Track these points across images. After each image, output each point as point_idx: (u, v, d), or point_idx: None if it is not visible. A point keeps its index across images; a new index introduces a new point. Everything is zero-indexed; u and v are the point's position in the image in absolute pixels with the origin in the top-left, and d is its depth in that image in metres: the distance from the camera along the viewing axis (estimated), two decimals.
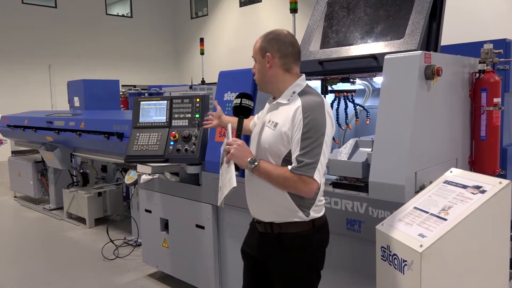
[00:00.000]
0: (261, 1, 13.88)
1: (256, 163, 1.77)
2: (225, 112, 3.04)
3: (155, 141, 3.26)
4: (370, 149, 2.73)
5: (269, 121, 1.85)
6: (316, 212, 1.85)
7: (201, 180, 3.25)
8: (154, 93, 6.12)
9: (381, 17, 2.90)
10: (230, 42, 14.43)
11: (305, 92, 1.83)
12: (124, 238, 4.79)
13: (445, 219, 1.45)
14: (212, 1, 15.63)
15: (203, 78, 7.59)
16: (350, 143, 2.83)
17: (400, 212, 1.66)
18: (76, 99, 7.21)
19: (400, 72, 2.21)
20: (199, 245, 3.24)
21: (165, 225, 3.59)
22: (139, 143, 3.28)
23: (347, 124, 3.29)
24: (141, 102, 3.41)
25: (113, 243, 4.53)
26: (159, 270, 3.87)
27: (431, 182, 2.21)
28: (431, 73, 2.17)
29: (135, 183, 4.29)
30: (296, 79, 1.87)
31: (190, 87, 6.91)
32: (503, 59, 2.77)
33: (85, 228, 5.40)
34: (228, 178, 1.77)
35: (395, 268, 1.53)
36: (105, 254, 4.40)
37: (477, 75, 2.66)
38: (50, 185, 6.38)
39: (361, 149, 2.79)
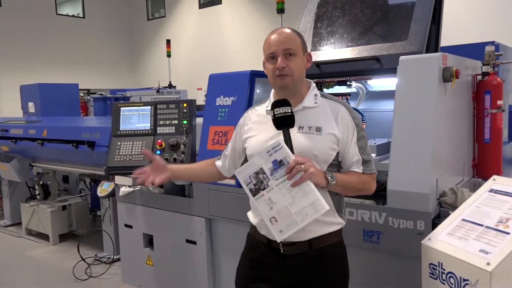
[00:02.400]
0: (221, 2, 13.67)
1: (335, 177, 1.58)
2: (218, 117, 2.84)
3: (139, 150, 2.99)
4: (375, 155, 2.65)
5: (304, 127, 1.66)
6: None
7: (191, 192, 3.02)
8: (120, 98, 5.75)
9: (379, 19, 2.81)
10: (189, 44, 14.09)
11: (323, 94, 1.78)
12: (95, 255, 4.41)
13: (508, 233, 1.34)
14: (169, 2, 15.21)
15: (170, 82, 7.29)
16: None
17: (446, 224, 1.54)
18: (30, 104, 6.68)
19: (418, 75, 2.12)
20: (190, 262, 3.01)
21: (149, 241, 3.31)
22: (121, 153, 2.99)
23: None
24: (122, 108, 3.13)
25: (84, 261, 4.15)
26: None
27: (451, 189, 2.14)
28: (449, 75, 2.09)
29: (110, 195, 3.96)
30: (308, 82, 1.79)
31: (157, 91, 6.60)
32: (505, 62, 2.76)
33: (48, 246, 4.94)
34: (309, 203, 1.48)
35: (451, 287, 1.40)
36: (76, 274, 4.02)
37: (479, 77, 2.63)
38: (5, 199, 5.82)
39: None
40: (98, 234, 4.71)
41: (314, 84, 1.78)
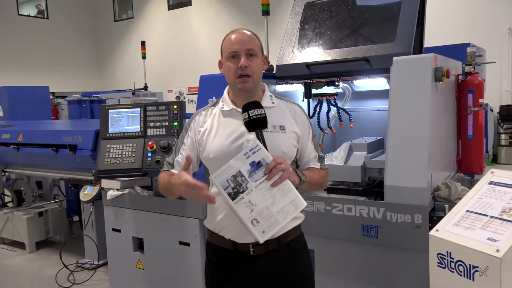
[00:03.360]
0: (191, 4, 13.59)
1: (305, 175, 1.65)
2: None
3: (129, 152, 2.95)
4: (366, 152, 2.74)
5: (268, 126, 1.64)
6: None
7: None
8: (96, 100, 5.63)
9: (366, 21, 2.90)
10: (159, 46, 13.91)
11: (276, 95, 1.84)
12: (77, 261, 4.30)
13: None
14: (137, 3, 14.96)
15: (145, 84, 7.18)
16: (344, 147, 2.80)
17: (451, 216, 1.62)
18: None
19: (412, 74, 2.21)
20: (184, 263, 2.99)
21: (139, 245, 3.27)
22: (111, 156, 2.94)
23: (330, 128, 3.26)
24: (110, 110, 3.08)
25: (67, 268, 4.04)
26: None
27: (445, 183, 2.24)
28: (441, 75, 2.19)
29: (94, 199, 3.88)
30: (262, 84, 1.81)
31: (133, 93, 6.50)
32: (486, 62, 2.91)
33: (24, 254, 4.77)
34: (290, 201, 1.52)
35: (460, 275, 1.48)
36: (58, 281, 3.90)
37: (462, 77, 2.77)
38: None
39: (355, 152, 2.77)
40: (77, 241, 4.59)
41: (266, 86, 1.81)
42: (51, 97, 7.33)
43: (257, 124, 1.59)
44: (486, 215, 1.53)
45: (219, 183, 1.52)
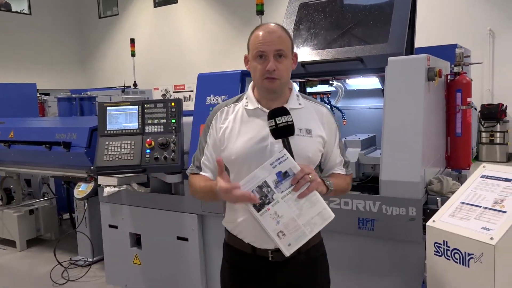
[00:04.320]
0: (177, 1, 13.55)
1: (332, 183, 1.60)
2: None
3: (128, 149, 2.98)
4: (360, 149, 2.84)
5: (295, 129, 1.55)
6: None
7: (180, 190, 3.06)
8: (86, 98, 5.62)
9: (360, 21, 3.00)
10: (145, 43, 13.84)
11: (303, 95, 1.75)
12: (70, 258, 4.31)
13: (504, 211, 1.54)
14: (122, 0, 14.85)
15: (135, 81, 7.17)
16: None
17: (446, 208, 1.73)
18: None
19: (406, 74, 2.31)
20: (182, 258, 3.05)
21: (136, 241, 3.31)
22: (109, 153, 2.97)
23: None
24: (108, 108, 3.10)
25: (61, 265, 4.05)
26: None
27: (437, 178, 2.35)
28: (433, 75, 2.30)
29: (89, 196, 3.89)
30: (289, 83, 1.72)
31: (123, 91, 6.49)
32: (474, 63, 3.04)
33: (15, 252, 4.75)
34: (317, 212, 1.46)
35: (456, 262, 1.59)
36: (52, 278, 3.91)
37: (450, 77, 2.89)
38: None
39: (350, 149, 2.86)
40: (69, 238, 4.60)
41: (295, 84, 1.77)
42: (37, 94, 7.26)
43: (283, 132, 1.50)
44: (480, 206, 1.63)
45: None
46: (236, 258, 1.70)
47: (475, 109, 5.07)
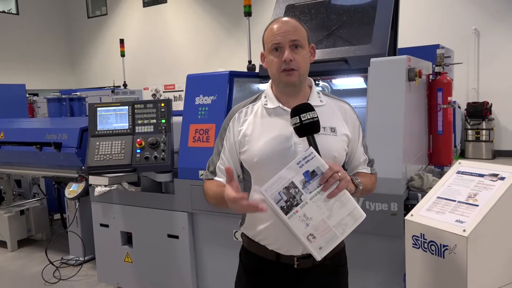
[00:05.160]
0: (166, 1, 13.56)
1: (360, 182, 1.52)
2: (198, 116, 2.98)
3: (119, 149, 3.04)
4: None
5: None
6: None
7: (171, 188, 3.12)
8: (75, 98, 5.63)
9: (344, 23, 3.09)
10: (134, 43, 13.82)
11: (323, 92, 1.68)
12: (61, 258, 4.34)
13: (477, 205, 1.63)
14: (111, 0, 14.81)
15: (124, 81, 7.20)
16: None
17: (424, 202, 1.81)
18: None
19: (388, 74, 2.40)
20: (173, 255, 3.11)
21: (127, 239, 3.36)
22: (100, 153, 3.02)
23: None
24: (98, 109, 3.15)
25: (53, 264, 4.08)
26: None
27: (418, 174, 2.45)
28: (414, 75, 2.39)
29: (80, 196, 3.93)
30: (308, 79, 1.65)
31: (112, 91, 6.52)
32: (454, 63, 3.14)
33: (6, 252, 4.77)
34: (348, 212, 1.41)
35: (432, 254, 1.68)
36: (44, 278, 3.94)
37: (432, 76, 2.99)
38: None
39: None
40: (60, 238, 4.63)
41: (313, 81, 1.68)
42: (27, 95, 7.25)
43: (309, 129, 1.42)
44: (455, 201, 1.73)
45: (270, 196, 1.38)
46: (258, 265, 1.62)
47: (459, 107, 5.21)
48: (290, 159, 1.42)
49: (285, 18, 1.56)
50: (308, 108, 1.43)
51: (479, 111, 9.27)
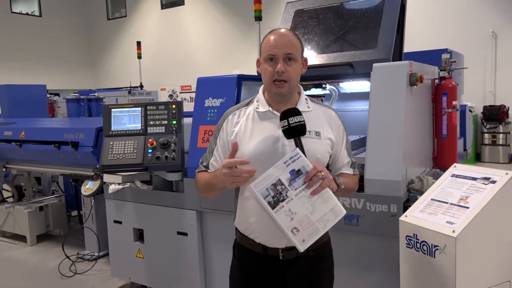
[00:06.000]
0: (183, 4, 13.77)
1: (342, 181, 1.68)
2: (207, 117, 3.09)
3: (131, 149, 3.17)
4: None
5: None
6: None
7: (181, 187, 3.24)
8: (93, 99, 5.82)
9: (351, 28, 3.15)
10: (151, 45, 14.09)
11: (311, 99, 1.82)
12: (77, 253, 4.51)
13: (467, 207, 1.69)
14: (130, 2, 15.12)
15: (141, 83, 7.38)
16: None
17: (418, 204, 1.88)
18: None
19: (389, 79, 2.46)
20: (182, 252, 3.22)
21: (139, 235, 3.49)
22: (114, 152, 3.16)
23: None
24: (112, 110, 3.29)
25: (69, 258, 4.25)
26: (129, 283, 3.75)
27: (418, 177, 2.50)
28: (415, 80, 2.45)
29: (95, 193, 4.09)
30: (298, 87, 1.79)
31: (129, 92, 6.70)
32: (459, 68, 3.17)
33: (26, 246, 4.97)
34: (329, 209, 1.53)
35: (424, 253, 1.74)
36: (60, 271, 4.11)
37: (437, 81, 3.03)
38: None
39: None
40: (76, 233, 4.80)
41: (302, 88, 1.84)
42: (47, 95, 7.51)
43: (296, 132, 1.56)
44: (447, 203, 1.78)
45: (258, 192, 1.51)
46: (248, 258, 1.77)
47: (470, 111, 5.18)
48: (277, 158, 1.55)
49: (283, 31, 1.69)
50: (296, 112, 1.57)
51: (496, 115, 9.16)
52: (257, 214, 1.64)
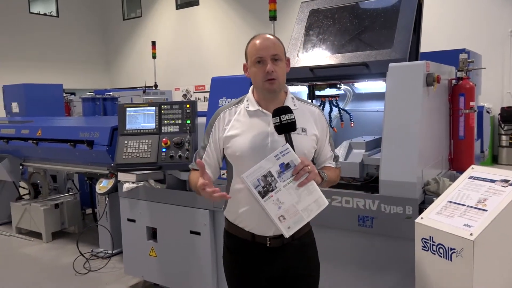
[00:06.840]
0: (198, 4, 13.83)
1: (326, 174, 1.81)
2: None
3: (146, 148, 3.19)
4: (364, 150, 2.95)
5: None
6: None
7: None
8: (108, 98, 5.88)
9: (367, 27, 3.12)
10: (166, 45, 14.18)
11: (297, 97, 1.93)
12: (92, 250, 4.56)
13: (485, 210, 1.65)
14: (146, 2, 15.24)
15: (155, 82, 7.43)
16: (344, 145, 3.01)
17: (434, 206, 1.85)
18: (14, 104, 6.69)
19: (405, 80, 2.43)
20: (194, 251, 3.23)
21: (152, 234, 3.51)
22: (128, 151, 3.19)
23: (332, 127, 3.47)
24: (127, 109, 3.32)
25: (83, 256, 4.30)
26: (142, 281, 3.78)
27: (434, 179, 2.46)
28: (432, 80, 2.41)
29: (109, 192, 4.12)
30: (285, 87, 1.90)
31: (144, 91, 6.75)
32: (476, 68, 3.12)
33: (41, 243, 5.04)
34: (313, 200, 1.66)
35: (440, 256, 1.71)
36: (75, 268, 4.16)
37: (454, 81, 2.98)
38: None
39: (354, 150, 2.98)
40: (91, 231, 4.86)
41: (289, 88, 1.93)
42: (64, 94, 7.61)
43: (287, 128, 1.70)
44: (464, 205, 1.75)
45: (250, 182, 1.65)
46: (237, 246, 1.89)
47: (488, 112, 5.09)
48: (267, 153, 1.69)
49: (266, 35, 1.83)
50: (287, 110, 1.71)
51: None
52: (247, 204, 1.77)
